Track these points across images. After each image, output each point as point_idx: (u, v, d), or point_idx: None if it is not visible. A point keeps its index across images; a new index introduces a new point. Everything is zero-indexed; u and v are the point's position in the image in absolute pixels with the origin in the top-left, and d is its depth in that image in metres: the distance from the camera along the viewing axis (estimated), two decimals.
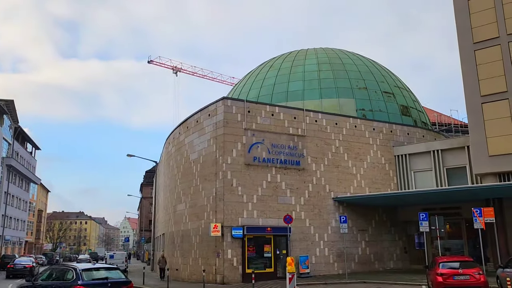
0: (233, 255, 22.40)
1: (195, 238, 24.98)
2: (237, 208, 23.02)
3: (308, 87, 31.15)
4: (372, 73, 32.90)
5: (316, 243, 24.89)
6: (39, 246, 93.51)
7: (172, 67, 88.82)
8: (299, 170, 25.31)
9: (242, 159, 23.76)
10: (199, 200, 24.97)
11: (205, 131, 25.34)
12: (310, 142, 26.00)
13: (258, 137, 24.50)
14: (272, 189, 24.24)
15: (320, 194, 25.73)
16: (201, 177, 25.05)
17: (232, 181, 23.22)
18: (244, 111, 24.43)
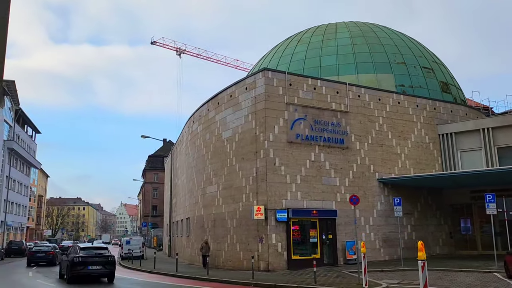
0: (278, 240, 20.56)
1: (231, 222, 23.10)
2: (280, 189, 21.11)
3: (343, 62, 29.09)
4: (409, 48, 30.88)
5: (361, 227, 23.11)
6: (40, 232, 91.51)
7: (175, 48, 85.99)
8: (343, 149, 23.40)
9: (285, 136, 21.78)
10: (236, 181, 23.02)
11: (241, 106, 23.27)
12: (353, 119, 24.05)
13: (301, 113, 22.50)
14: (315, 169, 22.33)
15: (364, 175, 23.87)
16: (238, 156, 23.07)
17: (275, 160, 21.27)
18: (286, 84, 22.38)
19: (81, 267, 17.85)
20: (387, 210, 24.16)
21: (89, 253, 18.55)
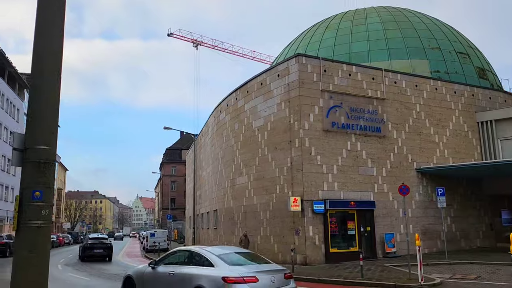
0: (315, 232, 19.76)
1: (264, 214, 22.37)
2: (317, 179, 20.28)
3: (374, 48, 28.00)
4: (443, 32, 29.62)
5: (400, 219, 22.16)
6: (59, 225, 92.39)
7: (192, 40, 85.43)
8: (380, 137, 22.42)
9: (320, 125, 20.89)
10: (268, 172, 22.24)
11: (273, 94, 22.42)
12: (390, 107, 23.02)
13: (336, 100, 21.57)
14: (352, 158, 21.43)
15: (402, 164, 22.88)
16: (270, 146, 22.27)
17: (311, 150, 20.41)
18: (320, 70, 21.44)
19: (89, 251, 26.81)
20: (426, 201, 23.18)
21: (95, 241, 27.71)
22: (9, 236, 32.82)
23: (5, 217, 49.18)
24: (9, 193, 50.22)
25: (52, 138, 5.16)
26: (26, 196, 4.94)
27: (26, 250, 4.82)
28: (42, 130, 5.12)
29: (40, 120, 5.13)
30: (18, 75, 50.62)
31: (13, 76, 49.70)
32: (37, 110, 5.18)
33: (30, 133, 5.14)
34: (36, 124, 5.12)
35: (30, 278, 4.77)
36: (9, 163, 49.26)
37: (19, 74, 50.68)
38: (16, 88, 51.86)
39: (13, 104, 50.19)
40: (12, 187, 50.48)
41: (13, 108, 50.44)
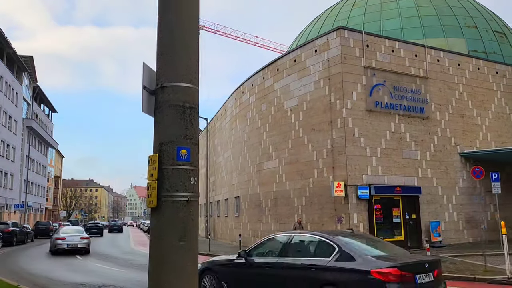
0: (359, 220, 18.27)
1: (298, 200, 20.82)
2: (360, 163, 18.73)
3: (408, 26, 26.33)
4: (478, 10, 28.02)
5: (444, 206, 20.76)
6: (56, 213, 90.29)
7: None
8: (423, 119, 20.90)
9: (363, 104, 19.30)
10: (304, 155, 20.65)
11: (309, 71, 20.74)
12: (432, 86, 21.47)
13: (379, 78, 19.96)
14: (396, 141, 19.89)
15: (446, 148, 21.40)
16: (306, 127, 20.64)
17: (354, 131, 18.83)
18: (363, 45, 19.78)
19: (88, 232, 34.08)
20: (470, 187, 21.77)
21: (92, 225, 47.55)
22: (15, 223, 31.00)
23: (5, 204, 47.00)
24: (8, 180, 47.96)
25: (196, 75, 3.49)
26: (167, 156, 3.29)
27: (175, 237, 3.18)
28: (183, 61, 3.44)
29: (180, 47, 3.45)
30: (17, 57, 48.24)
31: (12, 58, 47.29)
32: (175, 32, 3.48)
33: (166, 67, 3.45)
34: (175, 52, 3.44)
35: (182, 279, 3.13)
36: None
37: (18, 56, 48.29)
38: (15, 71, 49.47)
39: (11, 87, 47.82)
40: (12, 174, 48.32)
41: (11, 92, 48.07)
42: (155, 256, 3.24)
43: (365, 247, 7.46)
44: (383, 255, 7.16)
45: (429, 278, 6.76)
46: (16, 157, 49.97)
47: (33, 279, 12.78)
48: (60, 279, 12.68)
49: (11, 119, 47.62)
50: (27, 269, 15.68)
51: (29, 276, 13.46)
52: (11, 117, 47.49)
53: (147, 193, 3.37)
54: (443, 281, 7.32)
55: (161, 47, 3.49)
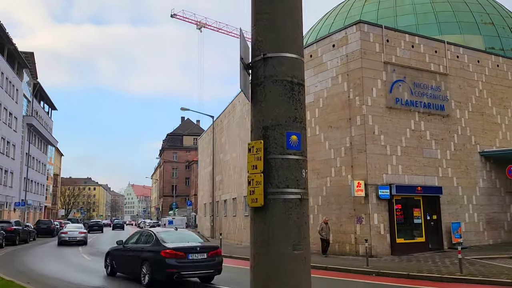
0: (380, 220, 17.64)
1: (314, 200, 20.15)
2: (380, 162, 18.10)
3: (423, 22, 25.71)
4: (494, 7, 27.44)
5: (464, 207, 20.15)
6: (55, 212, 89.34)
7: (196, 21, 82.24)
8: (443, 116, 20.28)
9: (383, 101, 18.65)
10: (320, 153, 20.00)
11: (326, 67, 20.09)
12: (452, 83, 20.85)
13: (399, 74, 19.32)
14: (416, 139, 19.27)
15: (466, 147, 20.79)
16: (323, 125, 20.00)
17: (374, 128, 18.19)
18: (383, 40, 19.14)
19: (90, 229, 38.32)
20: (490, 187, 21.16)
21: (93, 223, 53.67)
22: (17, 222, 30.24)
23: (5, 202, 46.00)
24: (8, 178, 46.94)
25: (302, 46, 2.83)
26: (274, 143, 2.64)
27: (288, 244, 2.51)
28: (289, 27, 2.77)
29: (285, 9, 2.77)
30: (18, 53, 47.36)
31: (13, 53, 46.40)
32: None
33: (268, 34, 2.77)
34: (280, 15, 2.76)
35: None
36: (8, 145, 46.21)
37: (19, 52, 47.41)
38: (15, 67, 48.57)
39: (12, 83, 46.91)
40: (12, 171, 47.39)
41: (12, 88, 47.16)
42: (262, 269, 2.55)
43: (171, 238, 11.96)
44: (176, 243, 11.57)
45: (201, 256, 11.34)
46: (16, 154, 49.07)
47: (46, 281, 12.09)
48: (74, 282, 11.98)
49: (12, 116, 46.74)
50: (36, 269, 14.98)
51: (40, 278, 12.77)
52: (12, 114, 46.60)
53: (249, 189, 2.71)
54: (217, 259, 11.70)
55: (259, 9, 2.81)
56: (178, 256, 10.89)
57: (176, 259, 10.85)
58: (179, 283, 11.13)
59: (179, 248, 11.07)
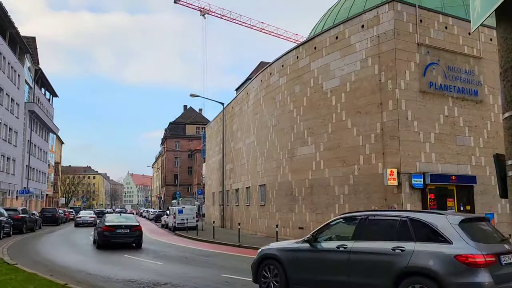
0: None
1: (339, 189, 19.24)
2: (414, 149, 17.14)
3: (450, 4, 24.44)
4: None
5: (497, 197, 19.16)
6: (56, 200, 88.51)
7: (199, 8, 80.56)
8: (477, 102, 19.29)
9: (417, 84, 17.64)
10: (347, 140, 19.03)
11: (354, 49, 19.02)
12: (486, 67, 19.81)
13: (433, 56, 18.27)
14: (449, 125, 18.30)
15: (498, 134, 19.79)
16: (350, 110, 18.99)
17: (407, 113, 17.20)
18: (416, 19, 18.05)
19: None
20: None
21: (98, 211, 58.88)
22: (24, 210, 29.27)
23: (7, 190, 44.92)
24: (10, 165, 45.76)
25: None
26: None
27: None
28: None
29: None
30: (20, 37, 45.95)
31: (14, 38, 45.01)
32: None
33: None
34: None
35: None
36: (10, 132, 45.01)
37: (21, 36, 46.00)
38: (17, 52, 47.20)
39: (14, 69, 45.60)
40: (14, 159, 46.24)
41: (14, 73, 45.85)
42: None
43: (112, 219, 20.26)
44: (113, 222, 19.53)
45: (125, 231, 18.73)
46: (18, 141, 47.91)
47: (69, 273, 11.13)
48: (102, 274, 11.03)
49: (14, 102, 45.48)
50: (54, 260, 14.07)
51: (61, 269, 11.83)
52: (14, 100, 45.34)
53: None
54: (137, 233, 19.07)
55: None
56: (110, 230, 18.58)
57: (109, 232, 18.52)
58: (111, 245, 18.37)
59: (111, 225, 18.80)
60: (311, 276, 7.65)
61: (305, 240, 8.20)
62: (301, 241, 8.37)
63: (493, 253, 6.18)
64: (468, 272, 5.92)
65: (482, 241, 6.40)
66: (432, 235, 6.53)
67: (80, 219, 39.80)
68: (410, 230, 6.74)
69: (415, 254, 6.34)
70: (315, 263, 7.69)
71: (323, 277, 7.45)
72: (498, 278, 5.97)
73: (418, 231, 6.66)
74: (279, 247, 8.68)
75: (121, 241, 18.42)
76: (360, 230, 7.45)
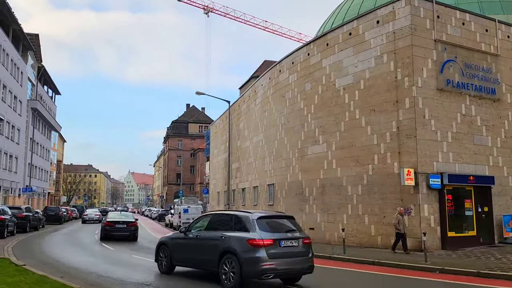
0: (430, 212, 16.26)
1: (353, 189, 18.75)
2: (431, 148, 16.66)
3: (464, 0, 24.04)
4: None
5: None
6: (58, 199, 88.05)
7: (203, 6, 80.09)
8: (494, 101, 18.81)
9: (434, 82, 17.15)
10: (360, 139, 18.55)
11: (369, 45, 18.53)
12: (503, 65, 19.34)
13: (450, 53, 17.79)
14: (466, 124, 17.81)
15: None
16: (364, 108, 18.50)
17: (424, 112, 16.71)
18: (433, 15, 17.56)
19: None
20: None
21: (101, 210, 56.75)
22: (28, 208, 28.79)
23: (9, 188, 44.39)
24: (13, 163, 45.24)
25: None
26: None
27: None
28: None
29: None
30: (23, 34, 45.44)
31: (18, 35, 44.50)
32: None
33: None
34: None
35: None
36: (13, 130, 44.49)
37: (24, 33, 45.50)
38: (20, 49, 46.69)
39: (17, 66, 45.09)
40: (16, 156, 45.72)
41: (17, 71, 45.34)
42: None
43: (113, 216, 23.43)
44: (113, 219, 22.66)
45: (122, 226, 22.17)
46: (20, 139, 47.38)
47: (81, 275, 10.65)
48: (115, 276, 10.55)
49: (16, 99, 44.95)
50: (62, 261, 13.59)
51: (71, 271, 11.35)
52: (16, 98, 44.80)
53: None
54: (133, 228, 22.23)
55: None
56: (110, 225, 21.81)
57: (109, 226, 21.76)
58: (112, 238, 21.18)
59: (111, 221, 22.04)
60: (182, 255, 10.98)
61: (181, 231, 11.49)
62: (179, 231, 11.81)
63: (272, 239, 9.15)
64: (252, 250, 8.96)
65: (267, 231, 9.31)
66: (242, 227, 9.56)
67: (87, 216, 43.64)
68: (232, 223, 9.91)
69: (230, 239, 9.47)
70: (185, 247, 11.00)
71: (187, 255, 10.84)
72: (273, 254, 9.03)
73: (235, 224, 9.77)
74: (168, 236, 12.35)
75: (119, 234, 21.47)
76: (209, 223, 10.69)
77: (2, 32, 38.65)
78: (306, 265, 9.60)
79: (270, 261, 8.87)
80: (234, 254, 9.09)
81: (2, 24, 38.77)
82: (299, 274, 9.93)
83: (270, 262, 8.86)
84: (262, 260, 8.82)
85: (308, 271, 9.72)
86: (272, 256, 8.92)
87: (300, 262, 9.48)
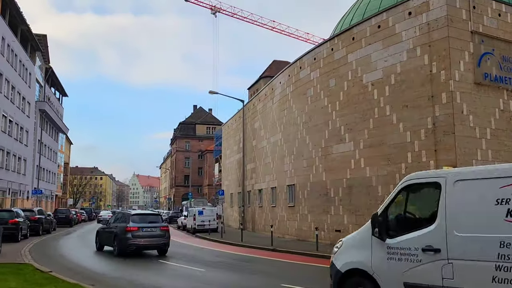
0: None
1: (384, 189, 17.84)
2: (470, 146, 15.75)
3: None
4: None
5: None
6: (64, 201, 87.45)
7: (210, 6, 79.35)
8: None
9: (471, 76, 16.26)
10: (391, 136, 17.67)
11: (400, 38, 17.66)
12: None
13: (487, 46, 16.88)
14: (505, 120, 16.89)
15: None
16: (395, 104, 17.63)
17: (462, 107, 15.82)
18: (469, 6, 16.67)
19: None
20: None
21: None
22: (40, 211, 28.08)
23: (18, 190, 43.64)
24: (21, 165, 44.44)
25: None
26: None
27: None
28: None
29: None
30: (32, 34, 44.86)
31: (26, 35, 43.92)
32: None
33: None
34: None
35: None
36: (21, 131, 43.84)
37: (32, 33, 44.89)
38: (28, 49, 46.07)
39: (25, 66, 44.47)
40: (25, 158, 44.97)
41: (25, 72, 44.69)
42: None
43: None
44: None
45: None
46: (29, 141, 46.71)
47: (111, 281, 9.84)
48: (148, 282, 9.73)
49: (25, 100, 44.32)
50: (84, 265, 12.87)
51: (100, 277, 10.58)
52: (25, 99, 44.17)
53: None
54: None
55: None
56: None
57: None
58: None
59: None
60: (104, 241, 17.63)
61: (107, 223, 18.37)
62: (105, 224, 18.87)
63: (136, 226, 15.73)
64: (127, 232, 15.54)
65: (136, 222, 16.05)
66: (124, 220, 16.76)
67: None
68: (122, 218, 17.01)
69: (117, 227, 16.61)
70: (105, 234, 17.48)
71: (106, 242, 17.43)
72: (139, 236, 15.74)
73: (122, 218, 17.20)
74: (100, 227, 19.16)
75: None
76: (116, 218, 17.72)
77: (11, 32, 38.04)
78: (161, 243, 16.14)
79: (133, 239, 15.44)
80: (116, 235, 15.86)
81: (11, 25, 38.15)
82: (158, 249, 16.51)
83: (133, 240, 15.44)
84: (129, 238, 15.42)
85: (164, 247, 16.31)
86: (135, 236, 15.48)
87: (156, 241, 16.01)
